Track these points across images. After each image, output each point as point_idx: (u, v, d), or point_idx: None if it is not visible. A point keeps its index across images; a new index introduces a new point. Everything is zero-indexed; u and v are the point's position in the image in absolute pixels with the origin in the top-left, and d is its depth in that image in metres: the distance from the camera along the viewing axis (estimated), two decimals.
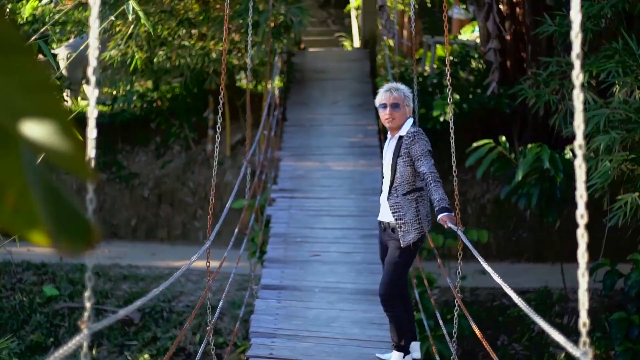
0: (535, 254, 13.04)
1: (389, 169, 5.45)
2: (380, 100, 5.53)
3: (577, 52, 1.92)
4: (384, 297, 5.42)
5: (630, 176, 8.34)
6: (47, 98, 1.01)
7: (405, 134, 5.43)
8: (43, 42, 6.24)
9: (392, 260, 5.40)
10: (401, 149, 5.41)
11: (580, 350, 2.12)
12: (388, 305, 5.43)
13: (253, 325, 6.39)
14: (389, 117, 5.44)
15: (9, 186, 1.00)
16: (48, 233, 1.03)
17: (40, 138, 0.99)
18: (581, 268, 2.04)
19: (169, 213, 14.18)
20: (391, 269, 5.40)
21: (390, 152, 5.48)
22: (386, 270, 5.44)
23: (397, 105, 5.46)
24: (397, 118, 5.45)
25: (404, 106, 5.50)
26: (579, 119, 1.95)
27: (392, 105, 5.46)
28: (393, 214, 5.39)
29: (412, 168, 5.38)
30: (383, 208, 5.50)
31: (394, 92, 5.50)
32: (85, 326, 1.94)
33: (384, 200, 5.47)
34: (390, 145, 5.52)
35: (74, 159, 1.01)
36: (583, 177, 1.98)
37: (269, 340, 6.11)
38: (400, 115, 5.46)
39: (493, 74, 13.00)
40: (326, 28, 19.06)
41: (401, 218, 5.38)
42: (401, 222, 5.37)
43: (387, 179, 5.47)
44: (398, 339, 5.53)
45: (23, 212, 1.01)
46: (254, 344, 6.07)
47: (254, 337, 6.19)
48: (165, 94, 14.71)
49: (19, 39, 1.04)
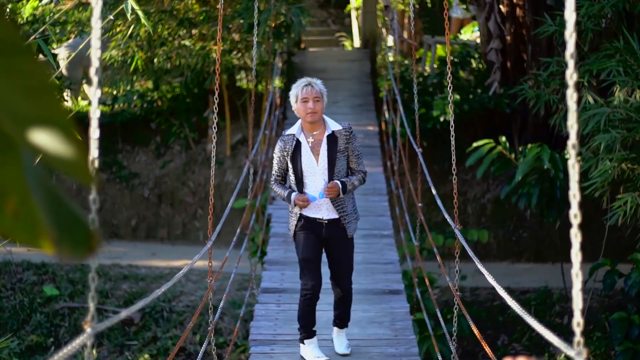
0: (535, 254, 13.04)
1: (323, 167, 5.46)
2: (301, 95, 5.47)
3: (571, 51, 1.92)
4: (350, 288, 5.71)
5: (630, 175, 8.34)
6: (48, 101, 1.01)
7: (341, 130, 5.48)
8: (43, 42, 6.24)
9: (347, 253, 5.61)
10: (338, 145, 5.47)
11: (575, 350, 2.12)
12: (351, 294, 5.74)
13: (252, 332, 6.38)
14: (311, 111, 5.43)
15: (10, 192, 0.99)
16: (49, 239, 1.03)
17: (42, 143, 0.99)
18: (575, 268, 2.04)
19: (169, 213, 14.18)
20: (350, 261, 5.64)
21: (324, 149, 5.47)
22: (345, 263, 5.62)
23: (319, 100, 5.48)
24: (318, 112, 5.46)
25: (323, 100, 5.51)
26: (572, 118, 1.95)
27: (314, 99, 5.45)
28: (336, 209, 5.50)
29: (346, 162, 5.52)
30: (319, 205, 5.51)
31: (315, 87, 5.48)
32: (89, 326, 1.94)
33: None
34: (315, 143, 5.48)
35: (76, 163, 1.01)
36: (576, 177, 1.98)
37: (268, 347, 6.10)
38: (321, 109, 5.48)
39: (495, 74, 13.00)
40: (326, 28, 19.06)
41: (344, 211, 5.53)
42: (345, 215, 5.54)
43: (321, 176, 5.47)
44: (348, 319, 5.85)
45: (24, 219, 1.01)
46: (252, 353, 6.06)
47: (253, 345, 6.18)
48: (165, 94, 14.70)
49: (20, 40, 1.04)
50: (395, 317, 6.65)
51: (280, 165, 5.55)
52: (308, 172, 5.49)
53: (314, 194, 5.48)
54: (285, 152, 5.50)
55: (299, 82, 5.57)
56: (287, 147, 5.50)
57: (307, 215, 5.56)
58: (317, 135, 5.50)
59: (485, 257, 12.96)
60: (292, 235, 5.69)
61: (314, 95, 5.45)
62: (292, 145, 5.49)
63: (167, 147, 14.47)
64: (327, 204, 5.53)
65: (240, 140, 14.25)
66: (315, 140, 5.50)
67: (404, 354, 6.01)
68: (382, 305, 6.90)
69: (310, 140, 5.49)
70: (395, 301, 7.00)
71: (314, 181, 5.50)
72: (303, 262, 5.60)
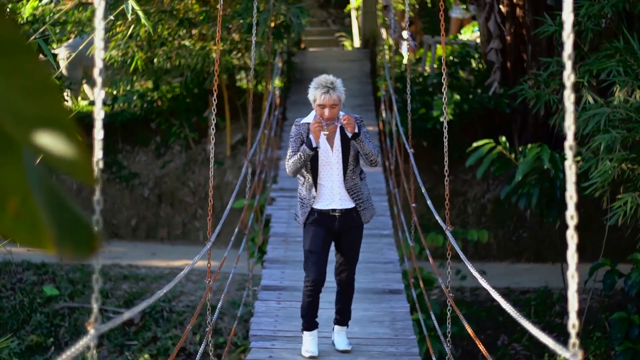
0: (535, 254, 13.04)
1: (338, 156, 5.48)
2: (319, 100, 5.41)
3: (568, 52, 1.92)
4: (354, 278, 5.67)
5: (630, 175, 8.34)
6: (49, 100, 1.01)
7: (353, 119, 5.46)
8: (43, 42, 6.24)
9: (356, 243, 5.63)
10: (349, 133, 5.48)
11: (570, 351, 2.12)
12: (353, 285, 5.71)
13: (253, 328, 6.38)
14: (327, 118, 5.41)
15: (12, 192, 0.99)
16: (51, 239, 1.03)
17: (43, 142, 0.99)
18: (570, 269, 2.04)
19: (169, 213, 14.19)
20: (357, 250, 5.64)
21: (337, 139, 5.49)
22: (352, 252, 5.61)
23: (336, 106, 5.45)
24: (334, 117, 5.46)
25: (341, 104, 5.49)
26: (570, 119, 1.96)
27: (331, 106, 5.43)
28: (352, 197, 5.52)
29: (357, 151, 5.53)
30: (332, 196, 5.52)
31: (333, 94, 5.39)
32: (92, 327, 1.94)
33: (337, 187, 5.50)
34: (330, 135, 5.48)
35: (77, 163, 1.01)
36: (573, 178, 1.98)
37: (269, 343, 6.10)
38: (337, 112, 5.47)
39: (495, 74, 13.01)
40: (326, 28, 19.06)
41: (360, 198, 5.55)
42: (360, 202, 5.55)
43: (336, 165, 5.49)
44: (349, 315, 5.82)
45: (25, 219, 1.01)
46: (253, 347, 6.06)
47: (253, 340, 6.18)
48: (165, 94, 14.71)
49: (21, 40, 1.04)
50: (396, 317, 6.65)
51: (297, 145, 5.52)
52: (323, 161, 5.52)
53: (328, 181, 5.50)
54: (301, 138, 5.51)
55: (319, 84, 5.46)
56: (303, 135, 5.51)
57: (319, 208, 5.55)
58: (332, 128, 5.51)
59: (485, 257, 12.96)
60: (301, 225, 5.65)
61: (332, 102, 5.41)
62: (308, 134, 5.50)
63: (167, 147, 14.47)
64: (341, 193, 5.53)
65: (240, 140, 14.25)
66: (330, 132, 5.51)
67: (404, 353, 6.01)
68: (383, 304, 6.91)
69: (325, 132, 5.50)
70: (396, 301, 7.01)
71: (328, 170, 5.52)
72: (309, 254, 5.58)
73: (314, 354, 5.74)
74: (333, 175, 5.52)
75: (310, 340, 5.78)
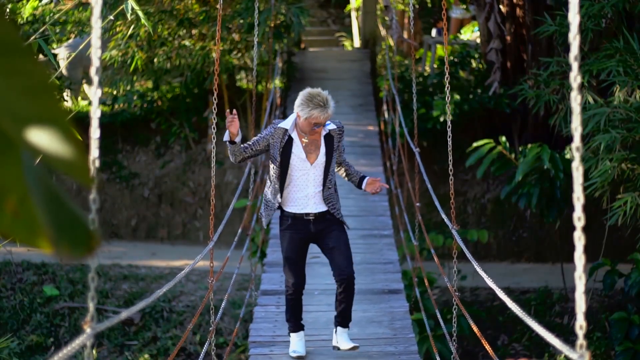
0: (535, 254, 13.04)
1: (321, 165, 5.51)
2: (310, 117, 5.38)
3: (575, 54, 1.91)
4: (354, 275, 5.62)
5: (630, 175, 8.34)
6: (48, 101, 1.01)
7: (335, 129, 5.54)
8: (43, 42, 6.24)
9: (345, 242, 5.63)
10: (334, 143, 5.55)
11: (577, 352, 2.12)
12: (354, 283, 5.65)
13: (252, 334, 6.37)
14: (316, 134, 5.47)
15: (10, 192, 1.00)
16: (49, 239, 1.03)
17: (42, 143, 0.99)
18: (578, 271, 2.03)
19: (169, 213, 14.19)
20: (347, 244, 5.64)
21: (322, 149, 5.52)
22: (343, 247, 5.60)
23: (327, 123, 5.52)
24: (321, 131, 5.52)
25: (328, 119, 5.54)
26: (577, 121, 1.95)
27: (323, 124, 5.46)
28: (327, 205, 5.57)
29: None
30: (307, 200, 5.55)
31: (325, 114, 5.39)
32: (89, 326, 1.94)
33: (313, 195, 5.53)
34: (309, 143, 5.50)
35: (75, 163, 1.01)
36: (580, 180, 1.97)
37: (268, 349, 6.09)
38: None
39: (495, 74, 13.01)
40: (326, 28, 19.06)
41: (334, 207, 5.62)
42: (334, 210, 5.62)
43: (314, 172, 5.52)
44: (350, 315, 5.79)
45: (24, 218, 1.01)
46: (252, 354, 6.05)
47: (252, 347, 6.17)
48: (165, 94, 14.71)
49: (20, 40, 1.04)
50: (395, 317, 6.65)
51: (257, 144, 5.57)
52: (297, 167, 5.51)
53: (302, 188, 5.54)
54: (274, 142, 5.51)
55: (310, 99, 5.39)
56: (276, 139, 5.51)
57: (293, 213, 5.56)
58: (313, 137, 5.50)
59: (485, 257, 12.96)
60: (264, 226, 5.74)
61: (326, 119, 5.45)
62: (284, 140, 5.49)
63: (167, 147, 14.47)
64: (317, 197, 5.56)
65: (240, 140, 14.24)
66: (310, 140, 5.50)
67: (403, 352, 6.01)
68: (382, 304, 6.91)
69: (304, 140, 5.48)
70: (395, 300, 7.01)
71: (303, 176, 5.53)
72: (286, 260, 5.66)
73: (302, 354, 5.77)
74: (309, 183, 5.54)
75: (297, 341, 5.80)
